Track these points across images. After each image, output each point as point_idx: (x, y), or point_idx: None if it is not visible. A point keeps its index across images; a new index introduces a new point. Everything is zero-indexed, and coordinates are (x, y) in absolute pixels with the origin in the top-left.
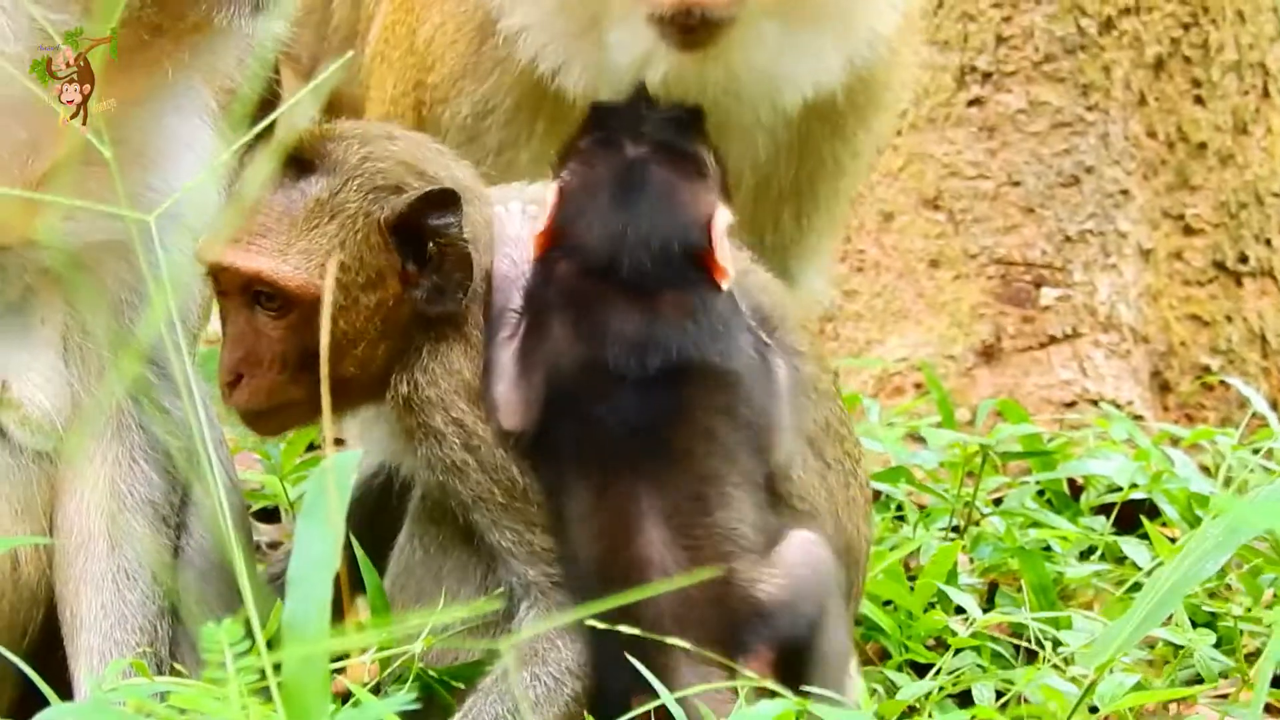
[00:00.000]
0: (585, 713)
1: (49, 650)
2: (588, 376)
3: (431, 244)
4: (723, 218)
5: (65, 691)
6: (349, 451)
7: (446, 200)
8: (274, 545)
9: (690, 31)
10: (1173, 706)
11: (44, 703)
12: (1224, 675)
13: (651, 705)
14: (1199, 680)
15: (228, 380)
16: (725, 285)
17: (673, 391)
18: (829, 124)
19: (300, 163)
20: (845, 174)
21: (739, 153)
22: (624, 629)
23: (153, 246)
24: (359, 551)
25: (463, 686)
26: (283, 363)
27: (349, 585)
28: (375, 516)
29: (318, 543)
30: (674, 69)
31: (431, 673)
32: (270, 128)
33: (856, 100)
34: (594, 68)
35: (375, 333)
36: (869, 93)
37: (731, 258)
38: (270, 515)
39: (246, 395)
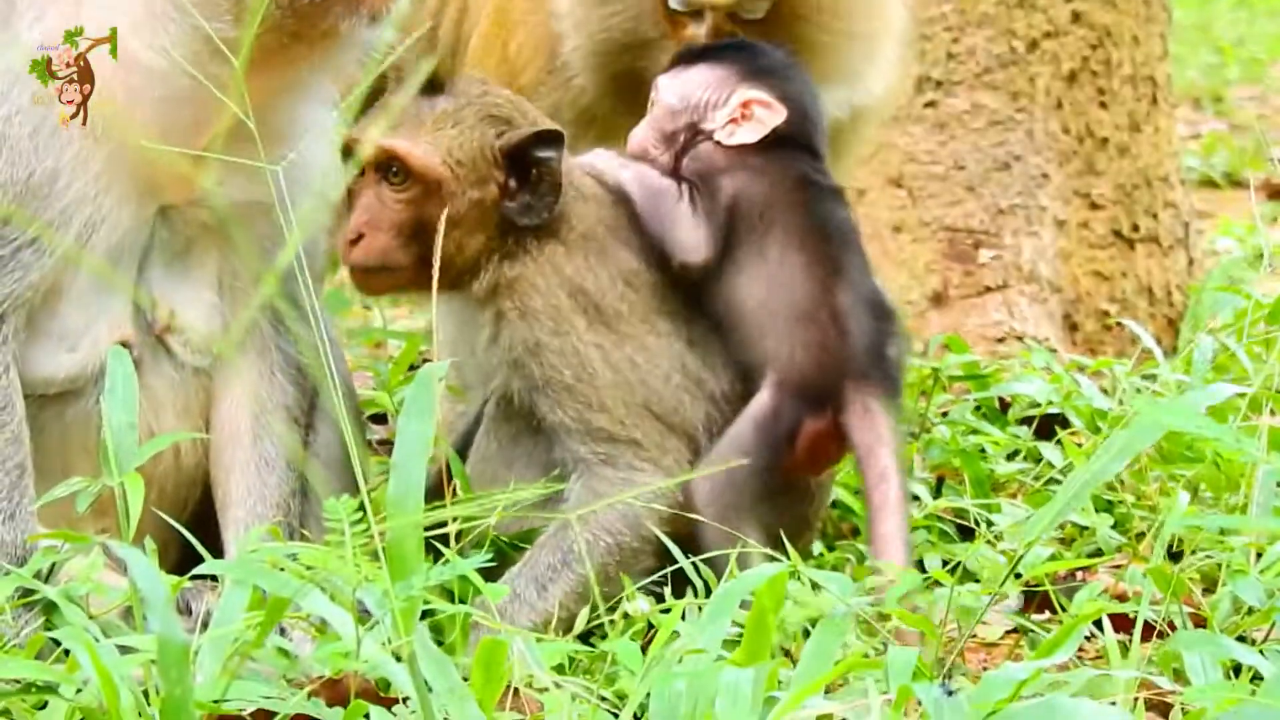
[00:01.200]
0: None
1: (203, 523)
2: (784, 191)
3: (534, 170)
4: None
5: (217, 554)
6: (438, 363)
7: (553, 139)
8: (383, 442)
9: None
10: (1079, 574)
11: (201, 562)
12: (1118, 550)
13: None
14: (1099, 553)
15: (350, 239)
16: None
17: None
18: (840, 134)
19: (434, 86)
20: (850, 159)
21: None
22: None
23: (291, 206)
24: (448, 448)
25: (528, 549)
26: (396, 229)
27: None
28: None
29: (414, 436)
30: None
31: (503, 539)
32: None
33: (859, 119)
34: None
35: (472, 223)
36: (868, 114)
37: None
38: (380, 419)
39: (362, 253)
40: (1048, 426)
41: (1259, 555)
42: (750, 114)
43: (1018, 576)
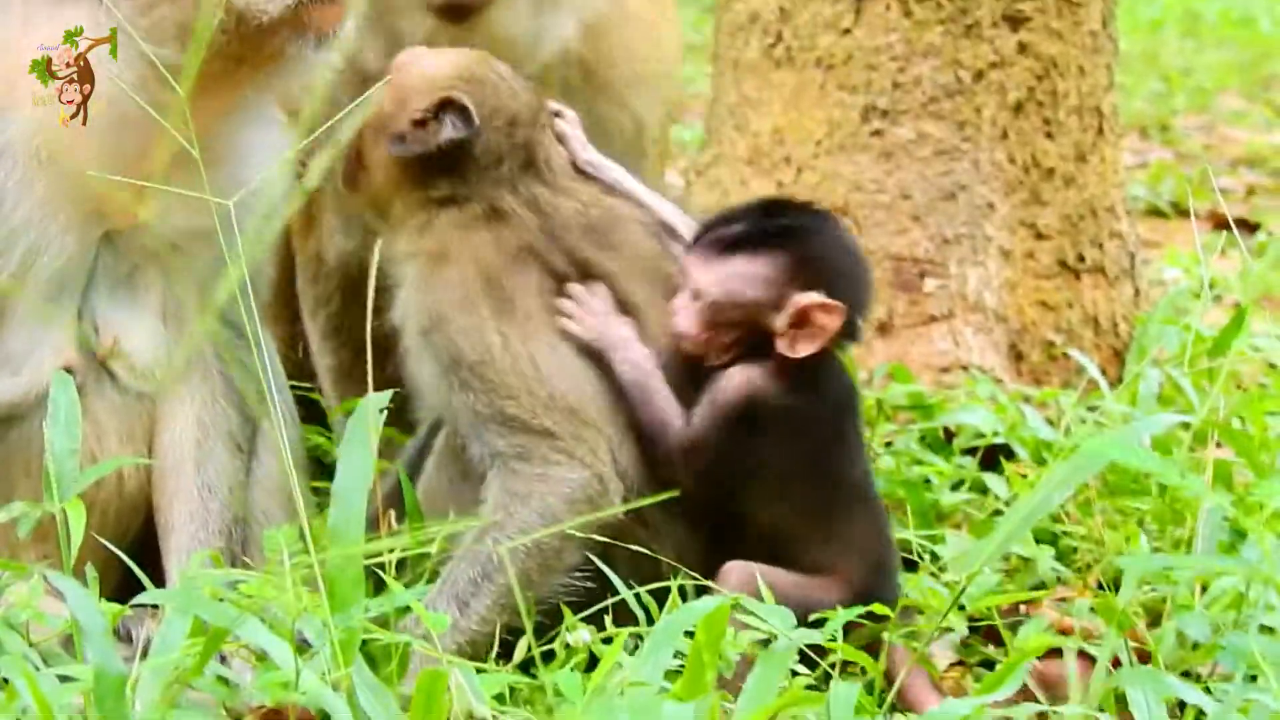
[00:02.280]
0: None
1: (145, 548)
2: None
3: (430, 124)
4: None
5: (159, 581)
6: (381, 394)
7: (467, 123)
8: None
9: (458, 14)
10: (1023, 607)
11: (142, 589)
12: (1061, 582)
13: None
14: (1043, 586)
15: None
16: None
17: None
18: (583, 88)
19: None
20: (615, 138)
21: None
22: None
23: (235, 231)
24: (404, 479)
25: None
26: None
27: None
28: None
29: (355, 465)
30: (451, 37)
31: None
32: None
33: (599, 67)
34: (388, 46)
35: (372, 153)
36: (612, 45)
37: None
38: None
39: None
40: (993, 457)
41: (1204, 589)
42: (810, 320)
43: (961, 608)
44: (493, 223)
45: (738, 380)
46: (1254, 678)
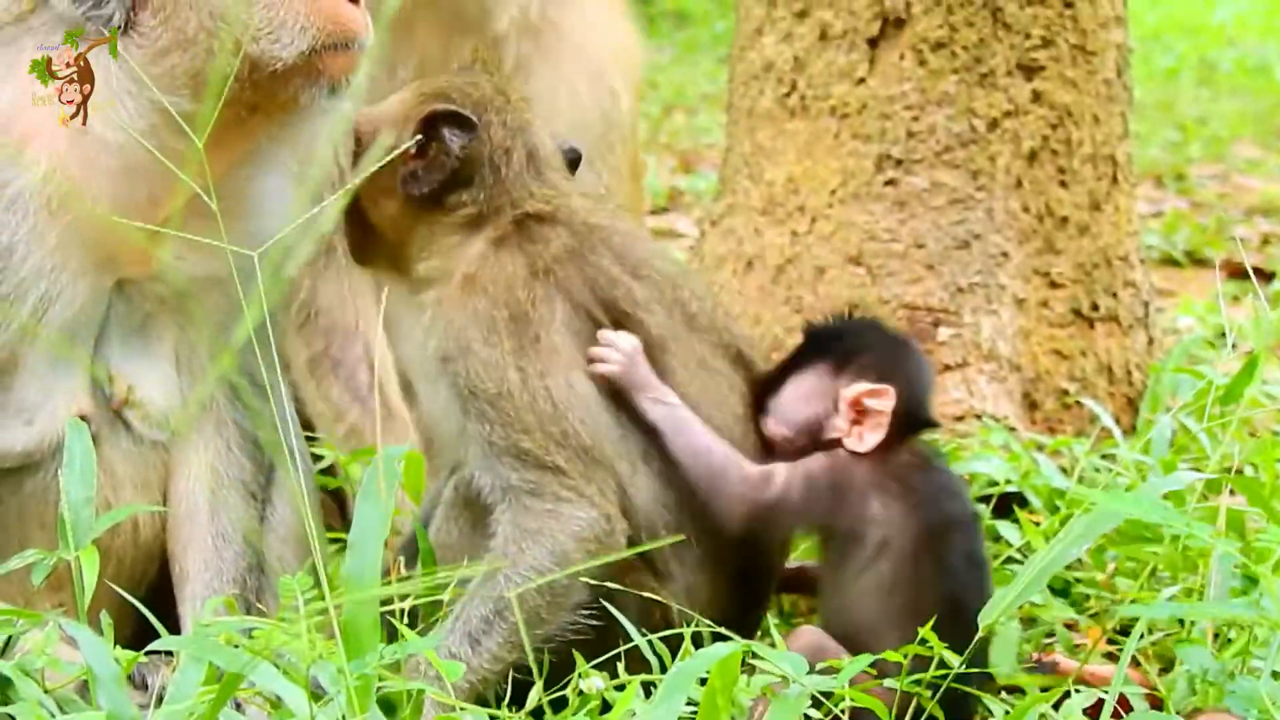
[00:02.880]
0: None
1: (162, 596)
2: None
3: (434, 145)
4: None
5: (174, 629)
6: (398, 446)
7: (465, 125)
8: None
9: None
10: (1034, 654)
11: (157, 637)
12: (1070, 628)
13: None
14: (1053, 634)
15: None
16: None
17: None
18: (543, 63)
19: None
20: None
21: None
22: None
23: (249, 280)
24: (419, 528)
25: None
26: (350, 200)
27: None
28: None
29: (372, 515)
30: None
31: None
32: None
33: (567, 32)
34: None
35: (381, 184)
36: (582, 26)
37: None
38: (336, 493)
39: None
40: (1006, 505)
41: (1215, 635)
42: (865, 409)
43: None
44: (524, 242)
45: (824, 459)
46: None
